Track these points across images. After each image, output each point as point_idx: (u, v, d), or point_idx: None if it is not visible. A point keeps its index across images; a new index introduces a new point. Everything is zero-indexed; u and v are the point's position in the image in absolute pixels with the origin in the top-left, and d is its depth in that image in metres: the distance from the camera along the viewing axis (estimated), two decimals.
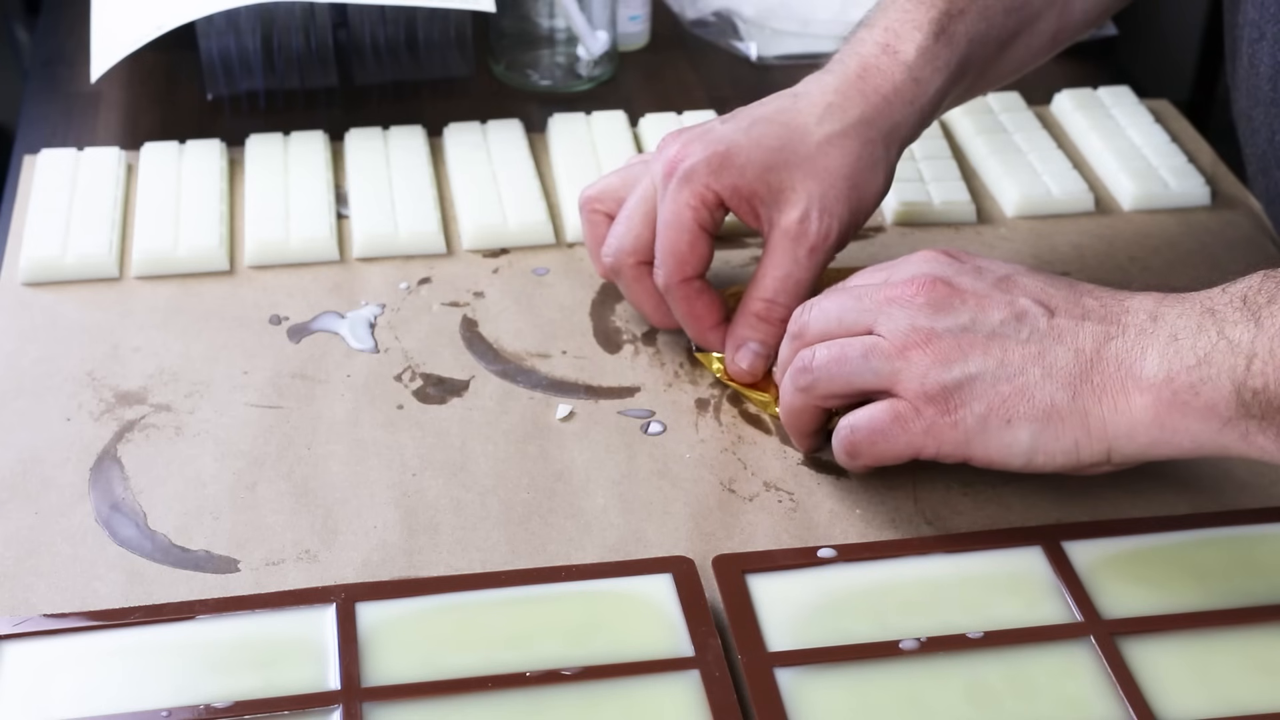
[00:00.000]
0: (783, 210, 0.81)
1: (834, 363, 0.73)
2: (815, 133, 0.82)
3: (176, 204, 0.96)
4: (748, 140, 0.82)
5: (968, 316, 0.71)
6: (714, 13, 1.20)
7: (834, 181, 0.82)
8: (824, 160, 0.82)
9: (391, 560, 0.74)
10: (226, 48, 1.07)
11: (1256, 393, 0.66)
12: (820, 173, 0.81)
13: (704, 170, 0.81)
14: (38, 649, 0.69)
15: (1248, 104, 0.92)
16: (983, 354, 0.71)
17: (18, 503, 0.77)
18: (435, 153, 1.03)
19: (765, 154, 0.81)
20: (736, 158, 0.81)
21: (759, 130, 0.82)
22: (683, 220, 0.81)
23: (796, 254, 0.81)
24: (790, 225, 0.81)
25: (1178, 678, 0.68)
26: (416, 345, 0.88)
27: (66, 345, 0.87)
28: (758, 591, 0.72)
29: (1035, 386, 0.70)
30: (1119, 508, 0.77)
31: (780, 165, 0.81)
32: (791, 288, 0.82)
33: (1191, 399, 0.67)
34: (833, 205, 0.81)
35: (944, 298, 0.72)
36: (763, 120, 0.83)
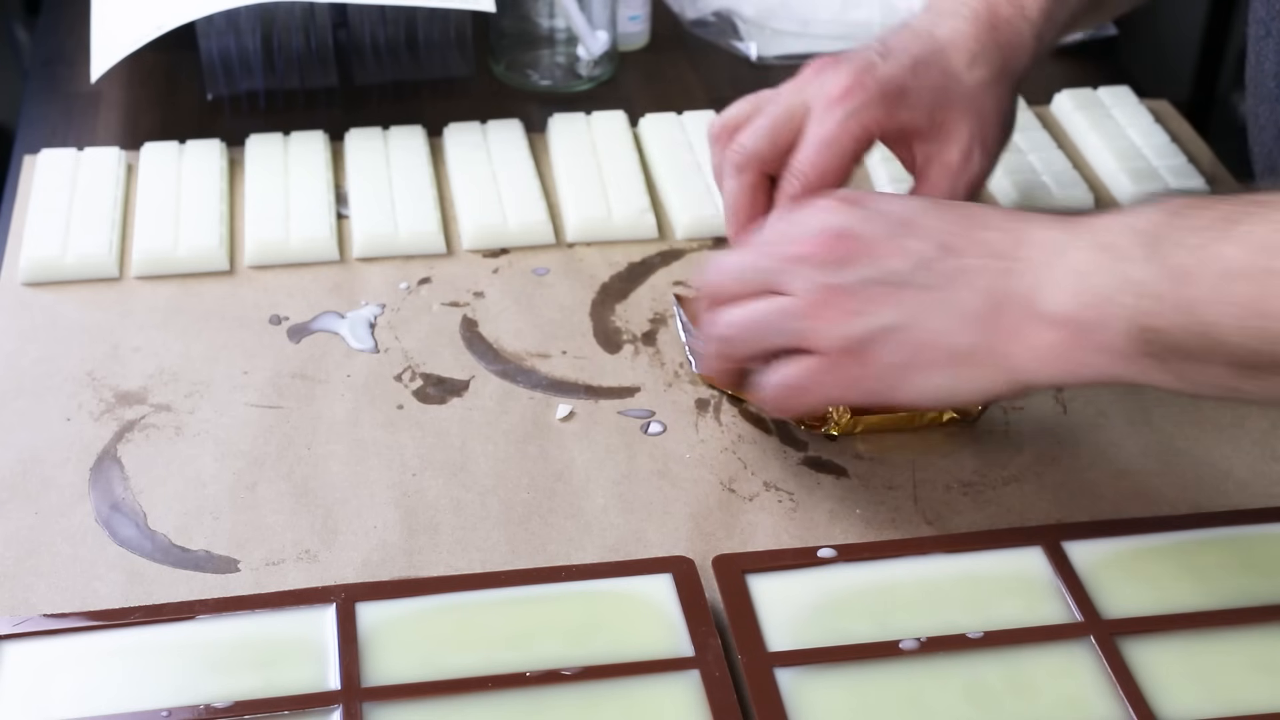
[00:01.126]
0: (945, 146, 0.84)
1: (747, 329, 0.74)
2: (968, 78, 0.84)
3: (176, 204, 0.96)
4: (915, 80, 0.83)
5: (873, 268, 0.72)
6: (714, 13, 1.20)
7: (991, 121, 0.85)
8: (981, 102, 0.84)
9: (391, 560, 0.74)
10: (226, 48, 1.07)
11: (1152, 330, 0.66)
12: (979, 113, 0.84)
13: (878, 105, 0.82)
14: (38, 649, 0.69)
15: (1254, 101, 0.92)
16: (893, 305, 0.71)
17: (18, 503, 0.77)
18: (435, 153, 1.03)
19: (932, 94, 0.83)
20: (909, 96, 0.83)
21: (922, 71, 0.84)
22: (844, 143, 0.82)
23: (956, 186, 0.84)
24: (954, 160, 0.83)
25: (1178, 678, 0.68)
26: (416, 345, 0.88)
27: (66, 345, 0.87)
28: (758, 591, 0.72)
29: (943, 332, 0.71)
30: (1119, 508, 0.77)
31: (945, 104, 0.83)
32: None
33: (1090, 334, 0.68)
34: (990, 144, 0.85)
35: (848, 251, 0.73)
36: (923, 63, 0.84)
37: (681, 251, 0.96)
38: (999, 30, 0.86)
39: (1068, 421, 0.83)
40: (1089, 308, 0.68)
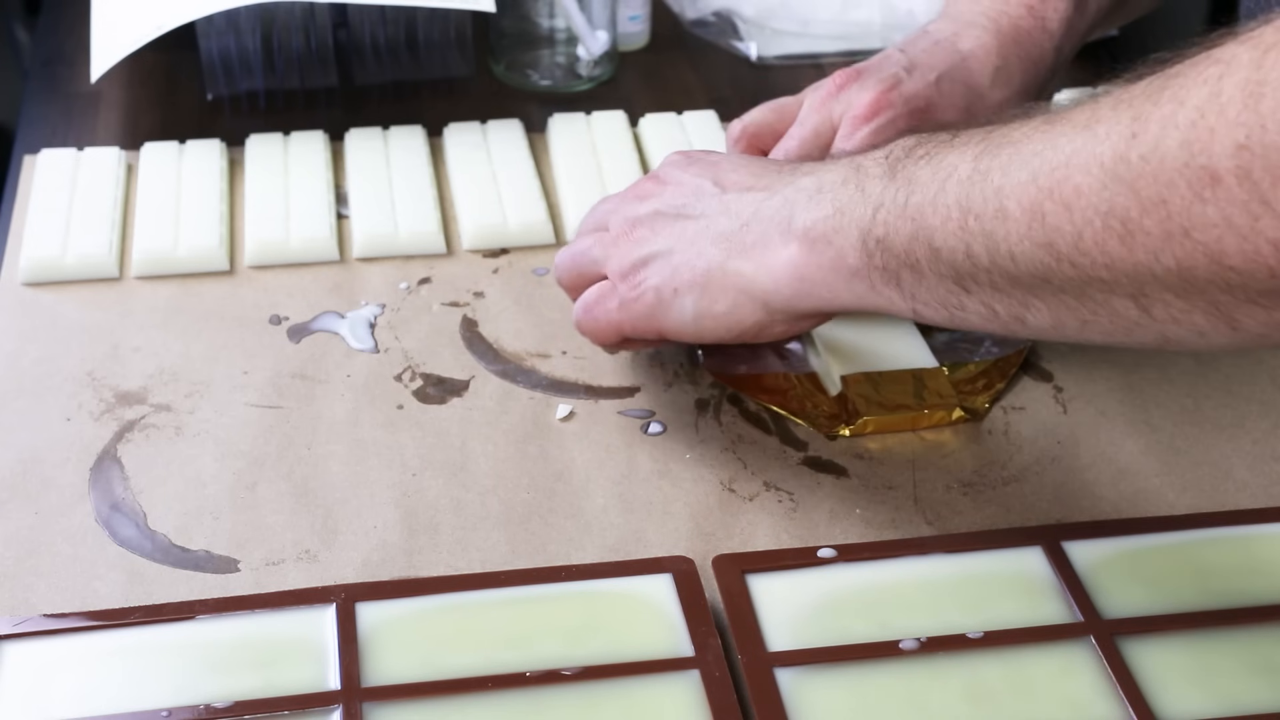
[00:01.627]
0: None
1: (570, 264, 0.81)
2: (990, 96, 0.86)
3: (176, 204, 0.96)
4: (940, 97, 0.85)
5: (661, 202, 0.77)
6: (714, 13, 1.20)
7: None
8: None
9: (391, 560, 0.74)
10: (226, 48, 1.07)
11: (879, 240, 0.67)
12: None
13: (905, 121, 0.83)
14: (38, 649, 0.68)
15: None
16: (667, 233, 0.76)
17: (18, 503, 0.77)
18: (435, 153, 1.03)
19: (955, 114, 0.84)
20: (933, 114, 0.84)
21: (946, 88, 0.85)
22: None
23: None
24: None
25: (1178, 678, 0.68)
26: (416, 345, 0.88)
27: (66, 345, 0.87)
28: (758, 591, 0.72)
29: (697, 255, 0.74)
30: (1119, 508, 0.77)
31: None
32: None
33: (825, 248, 0.69)
34: None
35: (648, 190, 0.79)
36: (947, 79, 0.85)
37: None
38: (1021, 43, 0.87)
39: (1068, 421, 0.83)
40: (824, 220, 0.70)
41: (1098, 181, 0.57)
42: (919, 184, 0.66)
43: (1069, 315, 0.62)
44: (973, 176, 0.63)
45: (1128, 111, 0.57)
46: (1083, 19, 0.89)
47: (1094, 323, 0.61)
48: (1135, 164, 0.56)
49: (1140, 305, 0.59)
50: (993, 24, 0.87)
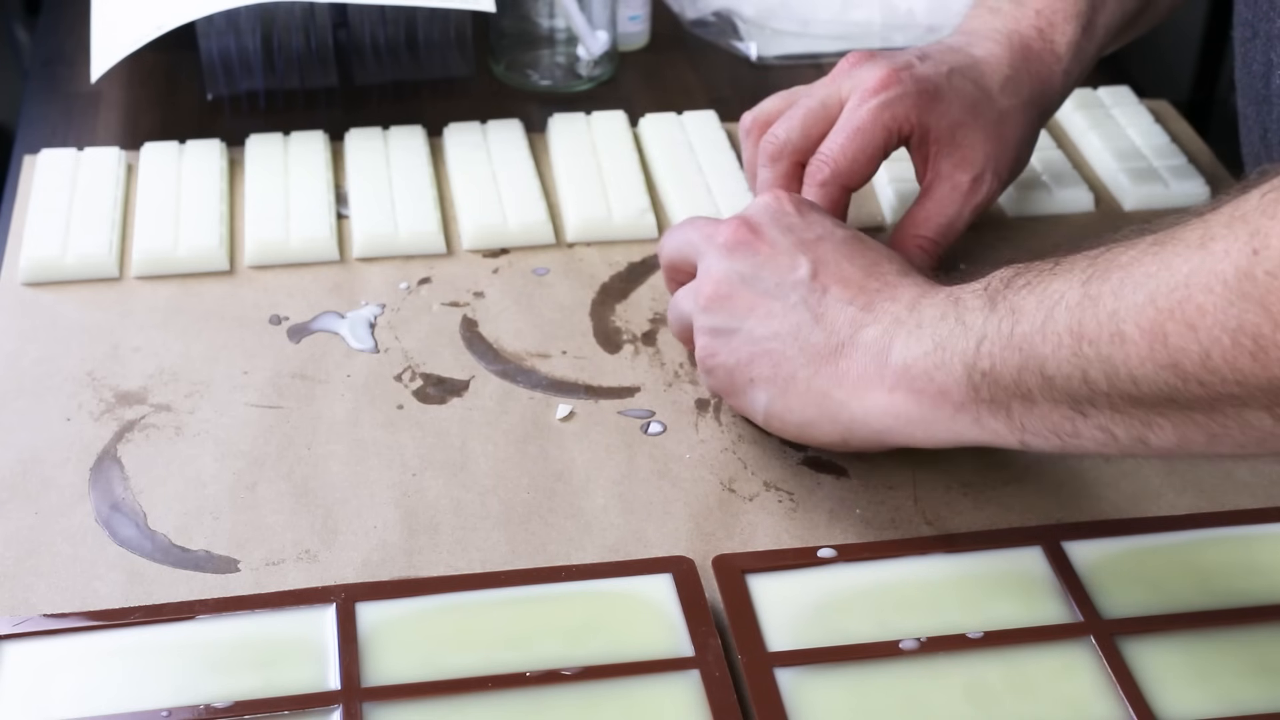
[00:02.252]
0: (960, 165, 0.85)
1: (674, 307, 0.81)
2: (999, 102, 0.86)
3: (176, 204, 0.96)
4: (950, 88, 0.85)
5: (750, 268, 0.75)
6: (714, 13, 1.20)
7: (1008, 149, 0.86)
8: (1004, 129, 0.86)
9: (391, 560, 0.74)
10: (226, 48, 1.07)
11: (985, 374, 0.66)
12: (999, 138, 0.86)
13: (912, 101, 0.83)
14: (38, 649, 0.69)
15: (1243, 101, 0.92)
16: (747, 310, 0.74)
17: (18, 503, 0.77)
18: (435, 153, 1.03)
19: (961, 108, 0.85)
20: (941, 102, 0.84)
21: (957, 81, 0.85)
22: (874, 133, 0.83)
23: (964, 208, 0.86)
24: (965, 181, 0.85)
25: (1178, 678, 0.68)
26: (416, 345, 0.88)
27: (66, 345, 0.87)
28: (758, 591, 0.72)
29: (781, 356, 0.73)
30: (1119, 508, 0.77)
31: (970, 123, 0.85)
32: (953, 234, 0.86)
33: (926, 386, 0.68)
34: (1002, 171, 0.87)
35: (742, 241, 0.76)
36: (959, 73, 0.85)
37: None
38: (1030, 60, 0.87)
39: None
40: (924, 357, 0.68)
41: (1223, 300, 0.57)
42: (1024, 313, 0.65)
43: (1196, 431, 0.61)
44: (1083, 302, 0.63)
45: (1244, 228, 0.57)
46: (1091, 43, 0.90)
47: (1224, 436, 0.61)
48: (1262, 280, 0.56)
49: (1276, 415, 0.58)
50: (1005, 39, 0.88)
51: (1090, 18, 0.89)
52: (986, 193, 0.86)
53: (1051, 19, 0.88)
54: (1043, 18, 0.88)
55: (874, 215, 0.99)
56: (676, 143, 1.04)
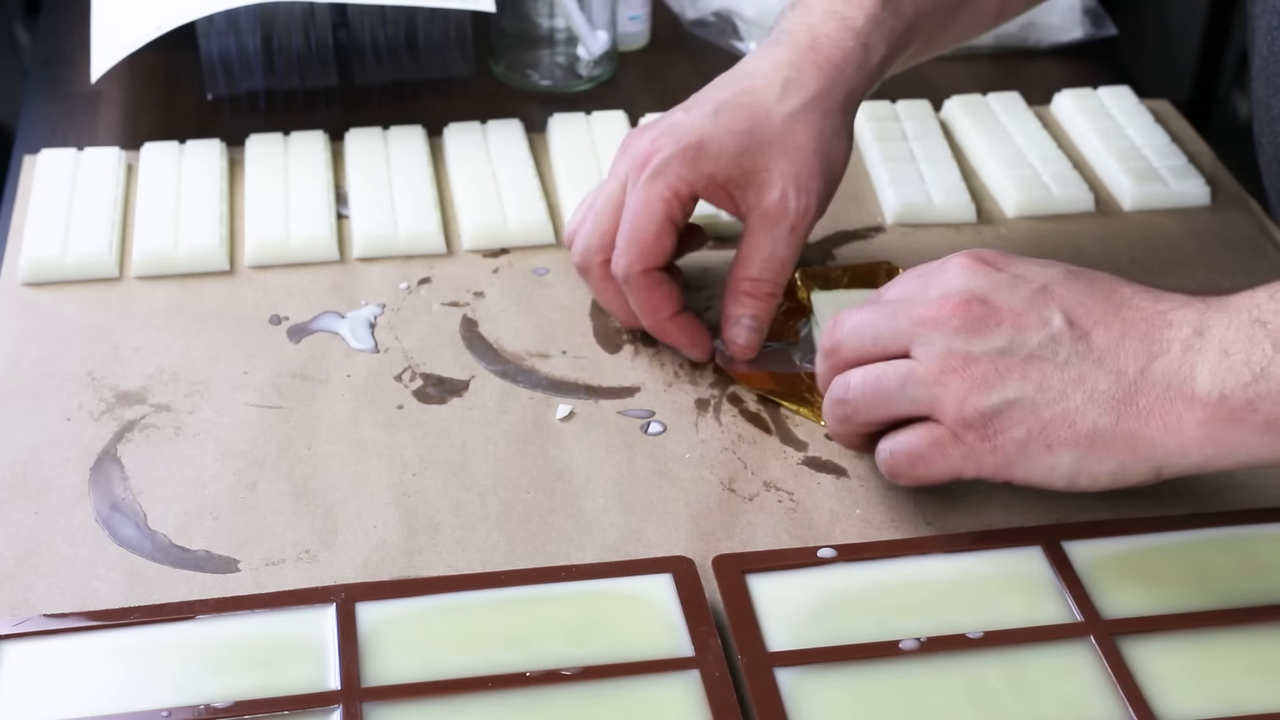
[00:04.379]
0: (760, 193, 0.83)
1: (871, 394, 0.72)
2: (778, 111, 0.83)
3: (176, 204, 0.96)
4: (717, 128, 0.82)
5: (1004, 339, 0.70)
6: (714, 13, 1.20)
7: (805, 157, 0.83)
8: (792, 138, 0.83)
9: (391, 560, 0.74)
10: (226, 48, 1.07)
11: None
12: (790, 151, 0.82)
13: (678, 162, 0.82)
14: (38, 649, 0.69)
15: (1266, 92, 0.91)
16: (1021, 378, 0.69)
17: (18, 503, 0.77)
18: (435, 153, 1.03)
19: (736, 139, 0.82)
20: (709, 146, 0.82)
21: (725, 116, 0.83)
22: (652, 211, 0.82)
23: (776, 233, 0.83)
24: (770, 207, 0.82)
25: (1178, 678, 0.68)
26: (416, 345, 0.88)
27: (66, 345, 0.87)
28: (758, 591, 0.72)
29: (1076, 412, 0.69)
30: (1119, 508, 0.77)
31: (752, 149, 0.82)
32: (776, 265, 0.83)
33: (1249, 415, 0.66)
34: (807, 181, 0.83)
35: (980, 318, 0.70)
36: (726, 106, 0.83)
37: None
38: (818, 49, 0.84)
39: None
40: (1244, 386, 0.66)
41: None
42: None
43: None
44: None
45: None
46: (896, 18, 0.86)
47: None
48: None
49: None
50: (790, 37, 0.86)
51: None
52: (796, 210, 0.82)
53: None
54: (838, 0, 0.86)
55: (874, 216, 0.99)
56: None
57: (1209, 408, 0.67)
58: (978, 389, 0.70)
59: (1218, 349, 0.67)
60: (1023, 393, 0.69)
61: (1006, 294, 0.71)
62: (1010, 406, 0.69)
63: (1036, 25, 1.18)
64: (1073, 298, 0.71)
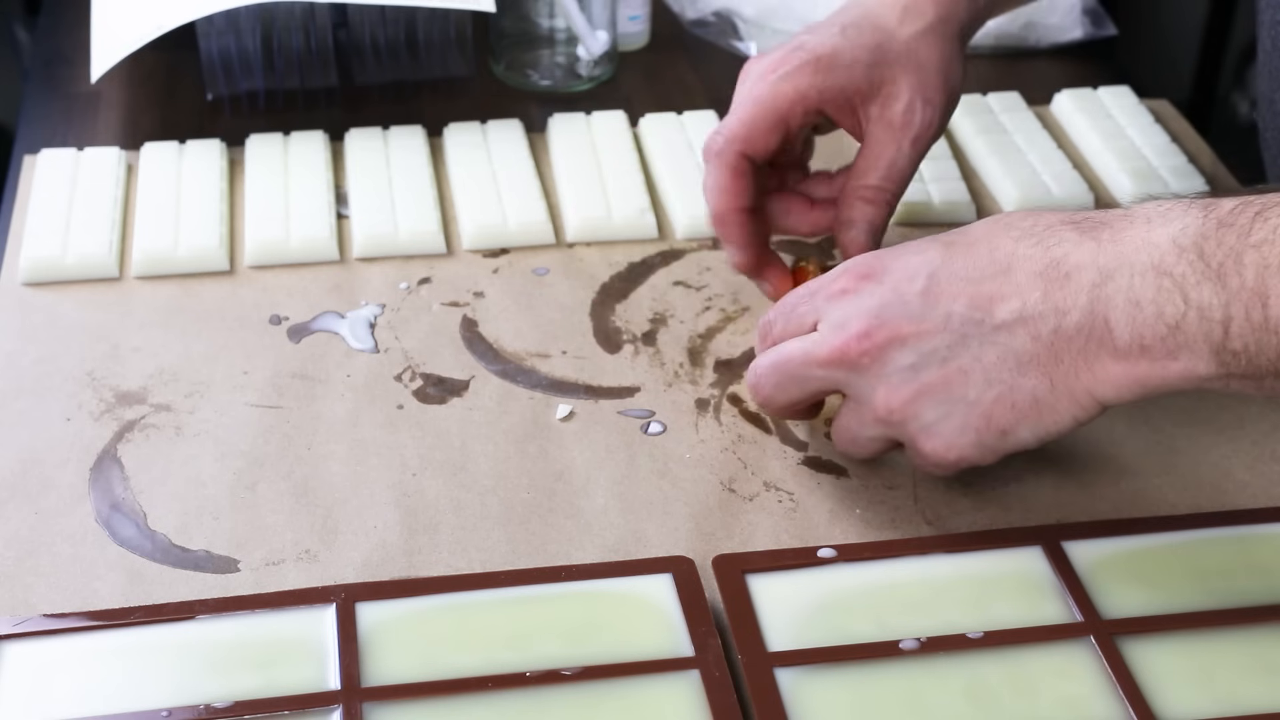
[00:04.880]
0: (886, 103, 0.84)
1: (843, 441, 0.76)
2: (900, 32, 0.85)
3: (176, 204, 0.96)
4: (846, 42, 0.84)
5: (914, 353, 0.71)
6: (714, 13, 1.20)
7: (929, 74, 0.85)
8: (916, 56, 0.84)
9: (391, 560, 0.74)
10: (226, 48, 1.07)
11: (1236, 354, 0.65)
12: (916, 67, 0.84)
13: (811, 69, 0.83)
14: (38, 649, 0.69)
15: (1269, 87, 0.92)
16: (944, 388, 0.70)
17: (18, 503, 0.77)
18: (435, 153, 1.03)
19: (865, 53, 0.84)
20: (841, 57, 0.83)
21: (853, 34, 0.84)
22: (774, 101, 0.83)
23: (901, 143, 0.84)
24: (895, 116, 0.84)
25: (1178, 678, 0.68)
26: (416, 345, 0.88)
27: (66, 345, 0.87)
28: (758, 591, 0.72)
29: (1012, 390, 0.70)
30: (1119, 508, 0.77)
31: (880, 62, 0.84)
32: (897, 174, 0.84)
33: (1170, 362, 0.67)
34: (932, 95, 0.84)
35: (882, 345, 0.71)
36: (852, 26, 0.85)
37: (681, 251, 0.96)
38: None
39: None
40: (1161, 339, 0.66)
41: None
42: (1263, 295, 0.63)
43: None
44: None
45: None
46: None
47: None
48: None
49: None
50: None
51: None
52: (921, 122, 0.84)
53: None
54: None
55: None
56: (676, 143, 1.04)
57: (1132, 357, 0.67)
58: (910, 414, 0.71)
59: (1126, 299, 0.67)
60: (955, 402, 0.70)
61: (898, 306, 0.71)
62: (947, 418, 0.71)
63: (1036, 25, 1.18)
64: (959, 281, 0.70)
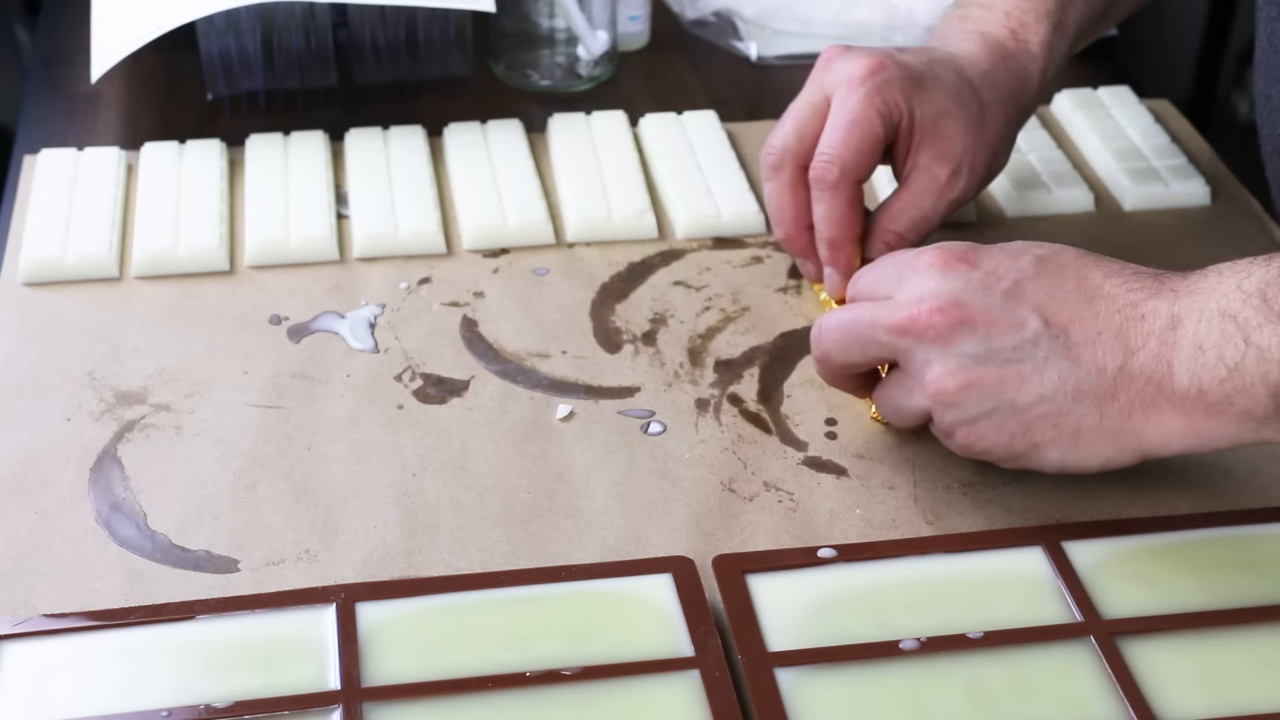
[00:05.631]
0: (939, 158, 0.84)
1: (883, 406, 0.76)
2: (980, 95, 0.85)
3: (176, 204, 0.96)
4: (932, 77, 0.84)
5: (979, 345, 0.71)
6: (714, 13, 1.20)
7: (985, 146, 0.85)
8: (984, 123, 0.85)
9: (391, 560, 0.74)
10: (226, 48, 1.07)
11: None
12: (977, 133, 0.84)
13: (900, 85, 0.82)
14: (38, 649, 0.69)
15: (1266, 84, 0.92)
16: (997, 386, 0.70)
17: (18, 503, 0.77)
18: (435, 153, 1.03)
19: (945, 96, 0.84)
20: (926, 89, 0.83)
21: (940, 70, 0.84)
22: (871, 121, 0.82)
23: (939, 202, 0.84)
24: (943, 174, 0.84)
25: (1178, 678, 0.68)
26: (416, 345, 0.88)
27: (66, 345, 0.87)
28: (758, 591, 0.72)
29: (1060, 412, 0.70)
30: (1119, 508, 0.77)
31: (952, 112, 0.84)
32: (925, 229, 0.85)
33: (1226, 408, 0.67)
34: (979, 167, 0.85)
35: (955, 324, 0.71)
36: (940, 63, 0.84)
37: (681, 251, 0.96)
38: (1006, 60, 0.87)
39: None
40: (1220, 382, 0.67)
41: None
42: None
43: None
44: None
45: None
46: (1063, 41, 0.89)
47: None
48: None
49: None
50: (980, 38, 0.87)
51: (1060, 17, 0.89)
52: (963, 188, 0.85)
53: (1023, 19, 0.88)
54: (1013, 19, 0.88)
55: None
56: (676, 143, 1.04)
57: (1188, 402, 0.68)
58: (958, 400, 0.71)
59: (1192, 344, 0.68)
60: (1000, 400, 0.71)
61: (980, 295, 0.71)
62: (990, 414, 0.71)
63: None
64: (1044, 294, 0.71)
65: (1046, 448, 0.71)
